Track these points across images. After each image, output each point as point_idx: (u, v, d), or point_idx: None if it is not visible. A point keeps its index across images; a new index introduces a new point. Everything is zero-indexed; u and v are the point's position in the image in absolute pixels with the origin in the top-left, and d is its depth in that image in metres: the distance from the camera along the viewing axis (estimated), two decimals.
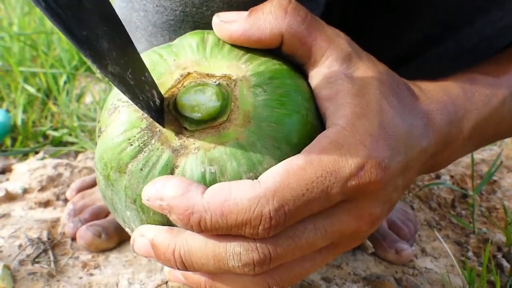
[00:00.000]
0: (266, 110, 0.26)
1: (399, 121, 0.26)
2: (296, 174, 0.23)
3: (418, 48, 0.43)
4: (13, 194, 0.58)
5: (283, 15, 0.26)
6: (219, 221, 0.23)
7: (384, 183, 0.25)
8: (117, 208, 0.28)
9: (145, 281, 0.47)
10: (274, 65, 0.28)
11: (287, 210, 0.23)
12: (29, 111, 0.88)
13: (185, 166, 0.25)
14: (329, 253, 0.27)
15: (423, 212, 0.73)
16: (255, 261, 0.24)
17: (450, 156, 0.32)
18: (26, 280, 0.44)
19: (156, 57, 0.29)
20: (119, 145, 0.26)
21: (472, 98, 0.31)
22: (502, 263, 0.58)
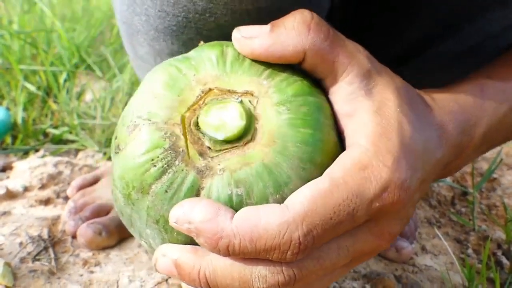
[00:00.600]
0: (291, 129, 0.26)
1: (417, 137, 0.26)
2: (323, 198, 0.23)
3: (418, 46, 0.43)
4: (13, 192, 0.58)
5: (306, 31, 0.26)
6: (248, 246, 0.23)
7: (405, 202, 0.25)
8: (135, 225, 0.28)
9: (145, 279, 0.47)
10: (295, 81, 0.27)
11: (315, 234, 0.23)
12: (29, 109, 0.88)
13: (211, 188, 0.25)
14: (346, 268, 0.28)
15: (423, 209, 0.73)
16: (280, 283, 0.24)
17: (460, 163, 0.32)
18: (27, 278, 0.44)
19: (174, 71, 0.28)
20: (142, 165, 0.26)
21: (483, 106, 0.31)
22: (501, 260, 0.58)
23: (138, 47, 0.40)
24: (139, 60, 0.42)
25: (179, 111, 0.27)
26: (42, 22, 1.19)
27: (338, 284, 0.49)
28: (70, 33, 1.19)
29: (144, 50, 0.39)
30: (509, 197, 0.75)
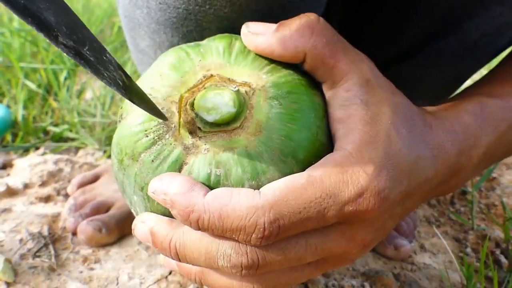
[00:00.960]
0: (278, 123, 0.27)
1: (406, 153, 0.27)
2: (296, 191, 0.24)
3: (419, 43, 0.44)
4: (14, 189, 0.58)
5: (309, 34, 0.27)
6: (216, 223, 0.24)
7: (381, 212, 0.26)
8: (126, 191, 0.30)
9: (145, 276, 0.47)
10: (294, 80, 0.28)
11: (281, 224, 0.24)
12: (29, 107, 0.88)
13: (193, 165, 0.26)
14: (317, 268, 0.28)
15: (422, 209, 0.73)
16: (243, 264, 0.25)
17: (459, 182, 0.32)
18: (27, 274, 0.44)
19: (183, 55, 0.30)
20: (136, 134, 0.28)
21: (482, 124, 0.31)
22: (500, 259, 0.58)
23: (139, 40, 0.40)
24: (140, 54, 0.43)
25: (179, 91, 0.28)
26: None
27: (337, 281, 0.50)
28: None
29: (145, 43, 0.39)
30: (508, 197, 0.75)
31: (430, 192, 0.30)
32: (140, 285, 0.45)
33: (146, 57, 0.41)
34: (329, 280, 0.49)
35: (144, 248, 0.51)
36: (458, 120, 0.31)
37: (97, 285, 0.45)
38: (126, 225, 0.53)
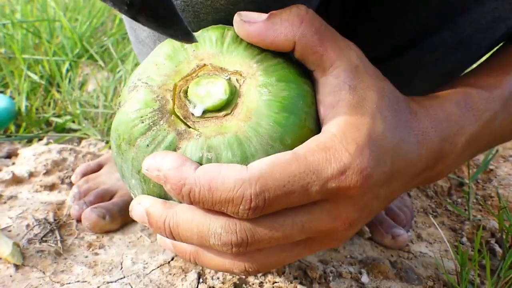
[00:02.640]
0: (267, 110, 0.28)
1: (389, 135, 0.28)
2: (281, 166, 0.25)
3: (415, 38, 0.44)
4: (19, 177, 0.59)
5: (298, 23, 0.28)
6: (206, 194, 0.25)
7: (364, 190, 0.27)
8: (125, 175, 0.31)
9: (148, 261, 0.48)
10: (283, 68, 0.30)
11: (266, 196, 0.25)
12: (32, 98, 0.89)
13: (186, 149, 0.28)
14: (305, 248, 0.29)
15: (420, 199, 0.74)
16: (232, 242, 0.27)
17: (444, 169, 0.33)
18: (34, 257, 0.46)
19: (178, 45, 0.31)
20: (132, 120, 0.29)
21: (466, 114, 0.32)
22: (494, 248, 0.59)
23: (139, 31, 0.41)
24: (140, 45, 0.44)
25: (174, 80, 0.30)
26: (44, 11, 1.20)
27: (335, 268, 0.51)
28: (72, 23, 1.19)
29: (144, 34, 0.40)
30: (505, 188, 0.76)
31: (415, 176, 0.31)
32: (144, 270, 0.47)
33: (146, 47, 0.42)
34: (327, 267, 0.51)
35: (147, 235, 0.53)
36: (442, 109, 0.32)
37: (102, 269, 0.46)
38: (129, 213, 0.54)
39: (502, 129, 0.35)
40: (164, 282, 0.45)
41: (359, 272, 0.51)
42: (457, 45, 0.42)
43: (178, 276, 0.46)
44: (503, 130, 0.35)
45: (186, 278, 0.45)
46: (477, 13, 0.38)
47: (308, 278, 0.48)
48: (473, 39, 0.41)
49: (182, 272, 0.47)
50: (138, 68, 0.32)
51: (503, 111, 0.34)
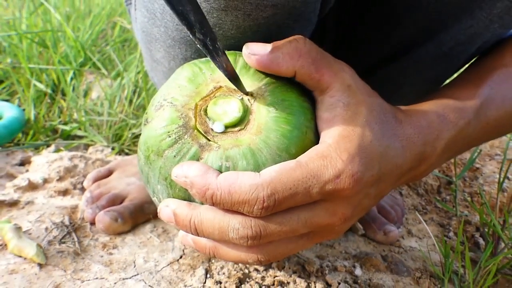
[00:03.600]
0: (275, 125, 0.33)
1: (377, 144, 0.33)
2: (287, 172, 0.30)
3: (402, 50, 0.49)
4: (35, 183, 0.63)
5: (297, 56, 0.33)
6: (226, 197, 0.30)
7: (356, 191, 0.32)
8: (150, 181, 0.36)
9: (158, 259, 0.52)
10: (287, 89, 0.35)
11: (276, 197, 0.30)
12: (38, 106, 0.93)
13: (208, 159, 0.32)
14: (308, 240, 0.34)
15: (411, 198, 0.79)
16: (248, 236, 0.31)
17: (427, 169, 0.38)
18: (55, 257, 0.50)
19: (197, 70, 0.36)
20: (160, 135, 0.33)
21: (444, 121, 0.38)
22: (479, 241, 0.64)
23: (154, 52, 0.45)
24: (155, 63, 0.48)
25: (195, 100, 0.34)
26: (48, 22, 1.23)
27: (330, 263, 0.55)
28: (75, 32, 1.23)
29: (160, 54, 0.44)
30: (489, 185, 0.81)
31: (401, 176, 0.36)
32: (155, 267, 0.51)
33: (160, 66, 0.46)
34: (323, 262, 0.55)
35: (156, 235, 0.57)
36: (424, 117, 0.37)
37: (117, 267, 0.50)
38: (139, 215, 0.58)
39: (475, 134, 0.40)
40: (174, 278, 0.49)
41: (353, 266, 0.55)
42: (440, 57, 0.47)
43: (187, 272, 0.50)
44: (475, 136, 0.40)
45: (195, 273, 0.50)
46: (457, 29, 0.43)
47: (306, 272, 0.52)
48: (453, 51, 0.46)
49: (191, 268, 0.51)
50: (161, 88, 0.37)
51: (476, 119, 0.39)
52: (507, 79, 0.41)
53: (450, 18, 0.43)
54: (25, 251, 0.47)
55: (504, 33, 0.44)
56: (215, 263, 0.52)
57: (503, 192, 0.78)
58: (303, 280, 0.50)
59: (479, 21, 0.41)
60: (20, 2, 1.43)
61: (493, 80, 0.40)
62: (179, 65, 0.41)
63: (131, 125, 0.88)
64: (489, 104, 0.40)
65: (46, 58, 1.10)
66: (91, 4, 1.53)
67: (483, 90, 0.40)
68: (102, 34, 1.38)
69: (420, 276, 0.55)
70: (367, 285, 0.52)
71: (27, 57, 1.06)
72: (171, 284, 0.48)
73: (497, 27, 0.42)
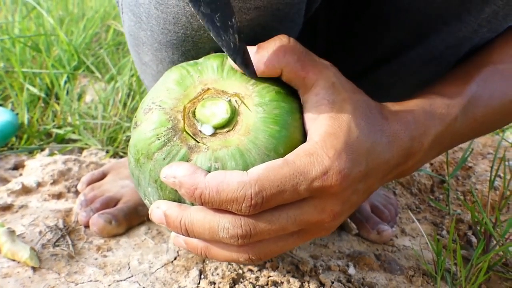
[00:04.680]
0: (263, 125, 0.33)
1: (363, 140, 0.33)
2: (274, 170, 0.30)
3: (393, 53, 0.50)
4: (28, 187, 0.63)
5: (282, 54, 0.33)
6: (215, 196, 0.30)
7: (344, 187, 0.32)
8: (141, 184, 0.36)
9: (153, 261, 0.52)
10: (274, 90, 0.35)
11: (264, 195, 0.30)
12: (31, 110, 0.93)
13: (197, 160, 0.33)
14: (299, 238, 0.34)
15: (404, 197, 0.79)
16: (238, 235, 0.32)
17: (415, 164, 0.39)
18: (49, 260, 0.50)
19: (185, 72, 0.36)
20: (149, 138, 0.34)
21: (431, 117, 0.38)
22: (471, 239, 0.65)
23: (142, 55, 0.45)
24: (144, 66, 0.48)
25: (183, 102, 0.34)
26: (41, 25, 1.23)
27: (324, 262, 0.56)
28: (69, 35, 1.23)
29: (148, 57, 0.45)
30: (482, 183, 0.82)
31: (389, 171, 0.36)
32: (150, 269, 0.51)
33: (149, 69, 0.47)
34: (317, 261, 0.55)
35: (151, 237, 0.57)
36: (410, 113, 0.37)
37: (111, 269, 0.50)
38: (133, 218, 0.58)
39: (462, 131, 0.40)
40: (169, 279, 0.50)
41: (346, 265, 0.55)
42: (431, 60, 0.47)
43: (182, 273, 0.51)
44: (462, 132, 0.41)
45: (189, 275, 0.50)
46: (446, 33, 0.44)
47: (299, 272, 0.53)
48: (443, 55, 0.46)
49: (185, 270, 0.51)
50: (150, 92, 0.37)
51: (463, 115, 0.39)
52: (495, 77, 0.41)
53: (439, 22, 0.43)
54: (19, 255, 0.47)
55: (492, 37, 0.44)
56: (209, 264, 0.52)
57: (495, 190, 0.79)
58: (296, 280, 0.50)
59: (468, 25, 0.42)
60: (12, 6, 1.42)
61: (480, 77, 0.41)
62: (167, 68, 0.41)
63: (126, 128, 0.88)
64: (476, 101, 0.40)
65: (39, 62, 1.09)
66: (84, 7, 1.53)
67: (471, 87, 0.40)
68: (96, 38, 1.38)
69: (413, 274, 0.55)
70: (361, 284, 0.52)
71: (20, 61, 1.06)
72: (165, 285, 0.49)
73: (486, 31, 0.42)
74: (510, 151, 0.94)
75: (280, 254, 0.56)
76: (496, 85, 0.41)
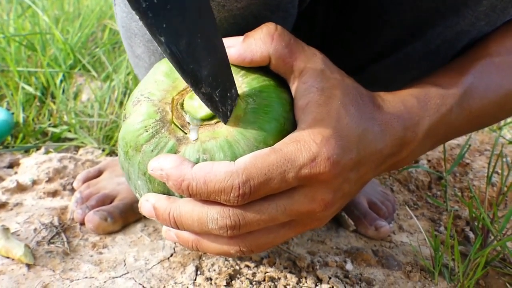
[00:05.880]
0: (253, 116, 0.32)
1: (353, 126, 0.32)
2: (262, 158, 0.30)
3: (390, 48, 0.49)
4: (23, 185, 0.62)
5: (270, 41, 0.33)
6: (202, 187, 0.30)
7: (334, 175, 0.31)
8: (131, 177, 0.35)
9: (149, 258, 0.52)
10: (264, 80, 0.34)
11: (252, 183, 0.29)
12: (27, 109, 0.92)
13: (185, 152, 0.32)
14: (290, 229, 0.34)
15: (402, 194, 0.79)
16: (227, 225, 0.31)
17: (409, 155, 0.38)
18: (44, 258, 0.49)
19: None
20: (137, 130, 0.33)
21: (425, 107, 0.37)
22: (469, 235, 0.64)
23: (135, 47, 0.45)
24: (136, 59, 0.48)
25: (171, 94, 0.34)
26: (36, 24, 1.23)
27: (321, 258, 0.55)
28: (64, 34, 1.22)
29: (140, 50, 0.44)
30: (479, 180, 0.82)
31: (383, 161, 0.35)
32: (146, 265, 0.51)
33: (141, 61, 0.46)
34: (314, 257, 0.55)
35: (147, 234, 0.56)
36: (404, 102, 0.36)
37: (107, 266, 0.50)
38: (129, 215, 0.58)
39: (457, 122, 0.40)
40: (165, 275, 0.49)
41: (344, 261, 0.55)
42: (428, 54, 0.47)
43: (178, 269, 0.50)
44: (458, 124, 0.40)
45: (185, 271, 0.49)
46: (443, 27, 0.43)
47: (297, 268, 0.52)
48: (440, 49, 0.46)
49: (181, 266, 0.51)
50: (139, 84, 0.36)
51: (458, 106, 0.39)
52: (491, 69, 0.41)
53: (437, 15, 0.43)
54: (13, 252, 0.47)
55: (490, 30, 0.44)
56: (206, 260, 0.51)
57: (492, 186, 0.78)
58: (294, 276, 0.50)
59: (465, 18, 0.42)
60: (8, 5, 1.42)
61: (476, 70, 0.40)
62: (159, 59, 0.41)
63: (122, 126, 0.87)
64: (472, 93, 0.39)
65: (35, 61, 1.09)
66: (80, 6, 1.52)
67: (467, 78, 0.39)
68: (92, 37, 1.38)
69: (410, 269, 0.55)
70: (358, 280, 0.52)
71: (16, 60, 1.05)
72: (161, 281, 0.48)
73: (483, 25, 0.42)
74: (507, 147, 0.94)
75: (277, 250, 0.55)
76: (492, 78, 0.41)
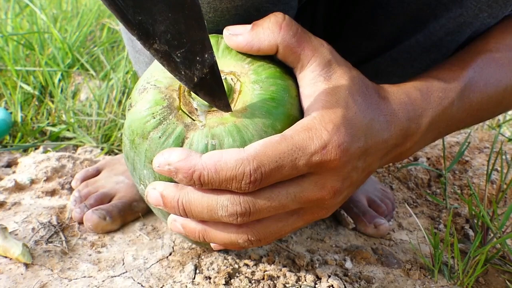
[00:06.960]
0: (260, 102, 0.33)
1: (361, 116, 0.32)
2: (272, 145, 0.30)
3: (392, 40, 0.49)
4: (21, 184, 0.62)
5: (278, 30, 0.33)
6: (214, 176, 0.30)
7: (344, 162, 0.31)
8: (136, 167, 0.35)
9: (148, 257, 0.52)
10: (270, 67, 0.35)
11: (263, 171, 0.29)
12: (25, 109, 0.92)
13: (193, 138, 0.32)
14: (299, 218, 0.34)
15: (401, 192, 0.79)
16: (238, 212, 0.31)
17: (412, 146, 0.38)
18: (42, 257, 0.49)
19: None
20: (145, 117, 0.33)
21: (428, 99, 0.38)
22: (468, 233, 0.64)
23: (136, 42, 0.45)
24: (137, 54, 0.48)
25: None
26: (34, 23, 1.22)
27: (321, 256, 0.55)
28: (63, 33, 1.22)
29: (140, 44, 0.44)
30: (479, 177, 0.81)
31: (388, 152, 0.36)
32: (144, 264, 0.50)
33: (142, 56, 0.46)
34: (314, 256, 0.55)
35: (145, 233, 0.56)
36: (408, 94, 0.37)
37: (105, 265, 0.50)
38: (128, 214, 0.58)
39: (458, 115, 0.40)
40: (163, 274, 0.49)
41: (343, 259, 0.55)
42: (430, 47, 0.47)
43: (177, 268, 0.50)
44: (459, 117, 0.40)
45: (184, 270, 0.49)
46: (446, 18, 0.43)
47: (296, 266, 0.52)
48: (443, 41, 0.46)
49: (180, 265, 0.51)
50: (144, 74, 0.36)
51: (459, 100, 0.39)
52: (490, 64, 0.41)
53: (439, 7, 0.43)
54: (11, 251, 0.47)
55: (493, 23, 0.44)
56: (205, 259, 0.51)
57: (492, 183, 0.78)
58: (293, 274, 0.50)
59: (468, 9, 0.42)
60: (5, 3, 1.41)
61: (477, 64, 0.41)
62: None
63: (120, 125, 0.87)
64: (472, 87, 0.40)
65: (33, 60, 1.09)
66: (78, 5, 1.52)
67: (467, 73, 0.40)
68: (91, 36, 1.37)
69: (410, 267, 0.55)
70: (358, 278, 0.52)
71: (14, 59, 1.05)
72: (160, 280, 0.48)
73: (486, 16, 0.42)
74: (506, 145, 0.94)
75: (276, 248, 0.55)
76: (492, 73, 0.41)
